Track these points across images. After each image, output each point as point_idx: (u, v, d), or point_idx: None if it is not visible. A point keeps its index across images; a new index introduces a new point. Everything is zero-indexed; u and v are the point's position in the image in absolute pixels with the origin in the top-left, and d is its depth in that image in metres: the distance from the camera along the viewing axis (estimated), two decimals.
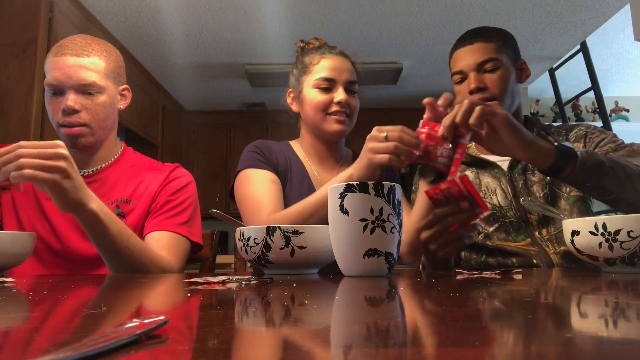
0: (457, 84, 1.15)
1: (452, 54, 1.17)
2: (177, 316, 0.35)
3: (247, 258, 0.82)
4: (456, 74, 1.14)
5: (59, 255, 1.06)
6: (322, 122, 1.18)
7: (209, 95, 4.36)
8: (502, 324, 0.30)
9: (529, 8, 2.91)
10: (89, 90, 1.06)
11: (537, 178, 1.11)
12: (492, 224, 1.10)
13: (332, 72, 1.17)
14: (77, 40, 1.09)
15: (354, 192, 0.67)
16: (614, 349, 0.22)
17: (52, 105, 1.06)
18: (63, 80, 1.04)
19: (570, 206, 1.07)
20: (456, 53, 1.15)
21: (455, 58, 1.15)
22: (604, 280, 0.59)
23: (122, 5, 2.78)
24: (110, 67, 1.12)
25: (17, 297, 0.49)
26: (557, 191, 1.09)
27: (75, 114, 1.05)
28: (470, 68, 1.11)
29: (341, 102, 1.15)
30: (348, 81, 1.18)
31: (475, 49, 1.12)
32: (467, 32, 1.17)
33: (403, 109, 4.77)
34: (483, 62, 1.11)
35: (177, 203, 1.12)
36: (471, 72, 1.11)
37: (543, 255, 1.04)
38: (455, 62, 1.15)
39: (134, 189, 1.12)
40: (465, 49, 1.13)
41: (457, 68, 1.14)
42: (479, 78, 1.10)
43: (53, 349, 0.21)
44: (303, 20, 3.03)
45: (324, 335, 0.27)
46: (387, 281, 0.60)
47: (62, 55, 1.05)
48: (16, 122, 2.24)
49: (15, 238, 0.82)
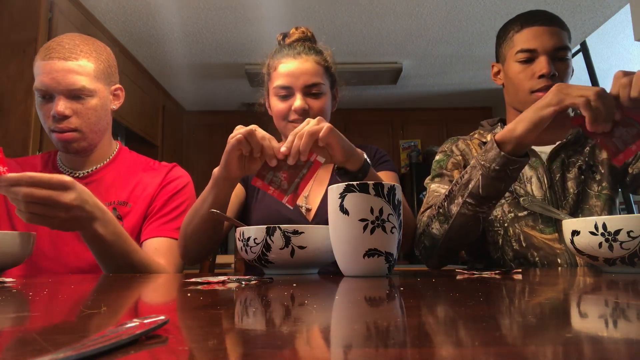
0: (521, 62, 1.08)
1: (519, 29, 1.09)
2: (177, 316, 0.35)
3: (247, 258, 0.82)
4: (525, 51, 1.07)
5: (53, 261, 1.05)
6: (285, 130, 1.15)
7: (209, 95, 4.36)
8: (502, 324, 0.30)
9: (529, 8, 2.90)
10: (79, 95, 1.03)
11: (573, 175, 1.09)
12: (521, 210, 1.08)
13: (287, 79, 1.11)
14: (64, 42, 1.05)
15: (354, 192, 0.67)
16: (614, 349, 0.22)
17: (43, 110, 1.04)
18: (52, 85, 1.01)
19: (602, 203, 1.06)
20: (528, 30, 1.08)
21: (527, 35, 1.07)
22: (604, 280, 0.59)
23: (122, 5, 2.78)
24: (101, 68, 1.08)
25: (17, 297, 0.49)
26: (588, 190, 1.08)
27: (66, 120, 1.03)
28: (545, 50, 1.05)
29: (297, 110, 1.10)
30: (306, 85, 1.10)
31: (553, 32, 1.06)
32: (537, 12, 1.11)
33: (403, 109, 4.77)
34: (558, 49, 1.06)
35: (174, 206, 1.11)
36: (545, 54, 1.05)
37: (569, 255, 1.02)
38: (526, 38, 1.07)
39: (131, 191, 1.11)
40: (543, 29, 1.06)
41: (529, 45, 1.06)
42: (553, 64, 1.05)
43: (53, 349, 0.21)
44: (303, 20, 3.03)
45: (324, 335, 0.27)
46: (387, 281, 0.60)
47: (50, 59, 1.02)
48: (16, 122, 2.24)
49: (16, 238, 0.82)
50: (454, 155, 1.17)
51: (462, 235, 0.96)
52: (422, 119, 4.76)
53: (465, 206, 0.92)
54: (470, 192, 0.91)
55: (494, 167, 0.87)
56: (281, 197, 0.83)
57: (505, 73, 1.14)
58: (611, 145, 0.80)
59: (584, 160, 1.11)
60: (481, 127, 1.26)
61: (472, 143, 1.20)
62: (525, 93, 1.07)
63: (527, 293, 0.48)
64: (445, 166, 1.15)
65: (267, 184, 0.84)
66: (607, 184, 1.08)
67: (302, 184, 0.83)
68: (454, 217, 0.94)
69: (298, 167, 0.84)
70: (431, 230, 0.99)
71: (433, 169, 1.17)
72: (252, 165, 0.87)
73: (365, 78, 3.87)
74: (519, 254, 1.06)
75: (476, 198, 0.90)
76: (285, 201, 0.83)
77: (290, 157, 0.82)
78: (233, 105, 4.60)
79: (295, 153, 0.82)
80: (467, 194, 0.91)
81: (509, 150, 0.86)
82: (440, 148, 1.23)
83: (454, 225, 0.95)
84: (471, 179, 0.91)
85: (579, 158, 1.11)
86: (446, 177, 1.13)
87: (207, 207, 0.92)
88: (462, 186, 0.93)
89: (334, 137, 0.83)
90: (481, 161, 0.89)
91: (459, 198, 0.93)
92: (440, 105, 4.73)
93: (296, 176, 0.84)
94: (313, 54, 1.14)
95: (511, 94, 1.13)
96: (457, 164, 1.15)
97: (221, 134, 4.70)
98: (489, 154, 0.88)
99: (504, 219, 1.08)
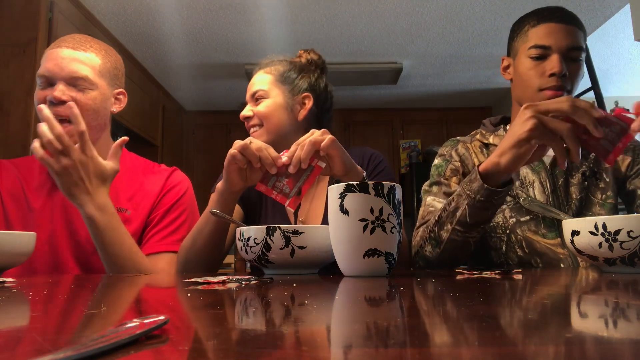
0: (533, 58, 1.05)
1: (535, 24, 1.06)
2: (177, 316, 0.35)
3: (247, 258, 0.82)
4: (538, 47, 1.04)
5: (51, 266, 1.04)
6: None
7: (209, 95, 4.36)
8: (502, 323, 0.30)
9: (529, 8, 2.89)
10: (79, 84, 1.01)
11: (576, 180, 1.07)
12: (523, 215, 1.06)
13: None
14: (77, 36, 1.06)
15: (354, 192, 0.67)
16: (614, 349, 0.22)
17: (40, 95, 1.01)
18: (55, 71, 0.99)
19: (606, 212, 1.05)
20: (545, 26, 1.04)
21: (543, 30, 1.04)
22: (604, 280, 0.59)
23: (122, 5, 2.78)
24: (107, 66, 1.07)
25: (17, 297, 0.49)
26: (592, 198, 1.07)
27: (62, 105, 0.98)
28: (559, 48, 1.02)
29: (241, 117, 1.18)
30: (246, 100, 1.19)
31: (569, 31, 1.03)
32: (555, 8, 1.07)
33: (403, 109, 4.78)
34: (572, 48, 1.02)
35: (174, 217, 1.10)
36: (558, 53, 1.02)
37: (572, 260, 1.01)
38: (541, 34, 1.04)
39: (130, 197, 1.10)
40: (559, 26, 1.03)
41: (543, 42, 1.03)
42: (565, 63, 1.02)
43: (53, 349, 0.21)
44: (303, 20, 3.03)
45: (324, 335, 0.27)
46: (387, 281, 0.60)
47: (58, 47, 1.02)
48: (16, 122, 2.24)
49: (16, 238, 0.82)
50: (452, 161, 1.15)
51: (455, 257, 0.97)
52: (422, 119, 4.77)
53: (454, 233, 0.92)
54: (459, 220, 0.91)
55: (478, 198, 0.87)
56: (284, 201, 0.87)
57: (515, 68, 1.11)
58: (599, 147, 0.80)
59: (588, 166, 1.09)
60: (483, 126, 1.23)
61: (472, 146, 1.17)
62: (533, 90, 1.05)
63: (527, 293, 0.48)
64: (443, 173, 1.13)
65: (270, 188, 0.88)
66: (611, 192, 1.07)
67: (304, 187, 0.87)
68: (445, 242, 0.94)
69: (299, 171, 0.87)
70: (425, 253, 1.00)
71: (431, 175, 1.16)
72: (253, 176, 0.90)
73: (365, 78, 3.87)
74: (523, 260, 1.05)
75: (464, 225, 0.91)
76: (287, 204, 0.86)
77: (292, 166, 0.86)
78: (233, 105, 4.59)
79: (296, 162, 0.85)
80: (455, 222, 0.91)
81: (493, 181, 0.86)
82: (440, 150, 1.21)
83: (446, 250, 0.95)
84: (458, 207, 0.91)
85: (583, 164, 1.09)
86: (443, 185, 1.11)
87: (210, 227, 0.94)
88: (450, 213, 0.92)
89: (336, 150, 0.86)
90: (466, 191, 0.89)
91: (448, 225, 0.93)
92: (440, 105, 4.73)
93: (298, 181, 0.87)
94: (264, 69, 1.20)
95: (519, 89, 1.10)
96: (455, 170, 1.13)
97: (221, 134, 4.74)
98: (474, 185, 0.87)
99: (506, 225, 1.07)
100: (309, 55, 1.23)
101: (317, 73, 1.22)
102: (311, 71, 1.21)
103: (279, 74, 1.18)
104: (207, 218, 0.95)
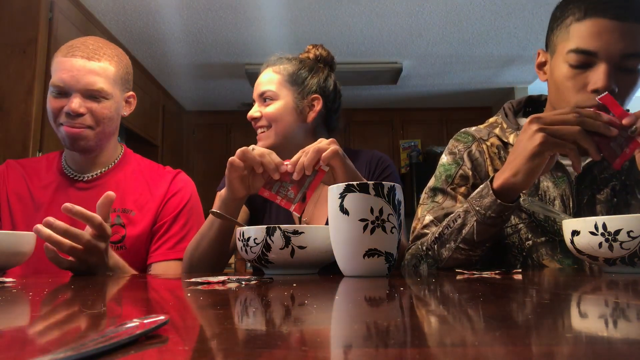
0: (571, 67, 0.84)
1: (581, 17, 0.83)
2: (177, 316, 0.35)
3: (247, 258, 0.82)
4: (582, 52, 0.82)
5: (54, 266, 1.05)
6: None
7: (209, 95, 4.36)
8: (502, 324, 0.30)
9: (530, 8, 2.91)
10: (95, 95, 1.03)
11: (604, 197, 0.92)
12: (539, 236, 0.93)
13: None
14: (89, 42, 1.06)
15: (354, 192, 0.67)
16: (614, 349, 0.22)
17: (54, 104, 1.03)
18: (71, 83, 1.01)
19: None
20: (593, 22, 0.81)
21: (590, 28, 0.81)
22: (604, 280, 0.59)
23: (122, 5, 2.78)
24: (120, 73, 1.09)
25: (17, 297, 0.49)
26: None
27: (80, 117, 1.03)
28: (609, 57, 0.80)
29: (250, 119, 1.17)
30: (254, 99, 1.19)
31: (626, 31, 0.79)
32: None
33: (403, 109, 4.77)
34: (627, 56, 0.80)
35: (182, 224, 1.11)
36: (607, 62, 0.81)
37: None
38: (586, 33, 0.82)
39: (135, 199, 1.11)
40: (613, 24, 0.80)
41: (588, 45, 0.81)
42: (615, 75, 0.81)
43: (53, 349, 0.21)
44: (303, 20, 3.03)
45: (324, 335, 0.27)
46: (387, 281, 0.60)
47: (72, 56, 1.02)
48: (16, 122, 2.24)
49: (16, 238, 0.82)
50: (463, 166, 1.01)
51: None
52: (422, 119, 4.76)
53: (458, 251, 0.87)
54: (464, 238, 0.85)
55: (489, 214, 0.81)
56: (288, 206, 0.87)
57: (551, 70, 0.91)
58: (610, 150, 0.79)
59: (620, 178, 0.93)
60: (504, 117, 1.05)
61: (488, 149, 1.02)
62: (568, 106, 0.85)
63: (527, 293, 0.48)
64: (452, 179, 1.01)
65: (275, 193, 0.88)
66: None
67: (308, 192, 0.87)
68: (445, 261, 0.89)
69: (303, 177, 0.87)
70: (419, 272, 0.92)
71: (437, 175, 1.03)
72: (256, 183, 0.90)
73: (365, 78, 3.87)
74: None
75: (470, 243, 0.86)
76: (292, 209, 0.86)
77: (295, 172, 0.85)
78: (233, 105, 4.60)
79: (300, 169, 0.85)
80: (460, 239, 0.86)
81: (506, 197, 0.81)
82: (450, 145, 1.07)
83: (444, 268, 0.90)
84: (465, 224, 0.85)
85: (614, 175, 0.94)
86: (448, 197, 0.99)
87: (214, 230, 0.94)
88: (454, 231, 0.87)
89: (338, 161, 0.86)
90: (476, 207, 0.83)
91: (451, 243, 0.87)
92: (440, 105, 4.73)
93: (302, 185, 0.87)
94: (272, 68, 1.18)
95: (554, 98, 0.92)
96: (465, 177, 1.00)
97: (221, 134, 4.74)
98: (485, 201, 0.82)
99: (522, 247, 0.97)
100: (318, 50, 1.22)
101: (326, 72, 1.20)
102: (320, 69, 1.19)
103: (288, 74, 1.16)
104: (211, 222, 0.95)
